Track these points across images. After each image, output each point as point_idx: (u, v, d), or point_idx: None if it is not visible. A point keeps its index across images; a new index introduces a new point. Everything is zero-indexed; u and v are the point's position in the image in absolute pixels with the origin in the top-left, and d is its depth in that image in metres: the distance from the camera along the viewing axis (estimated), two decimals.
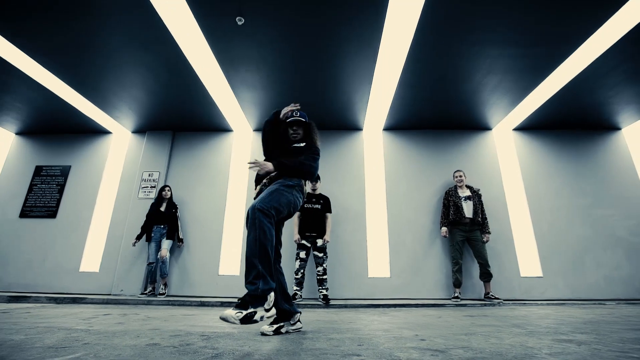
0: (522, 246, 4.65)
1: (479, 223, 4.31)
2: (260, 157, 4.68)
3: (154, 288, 4.44)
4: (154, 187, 5.03)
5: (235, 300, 4.04)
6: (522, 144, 5.23)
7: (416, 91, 4.30)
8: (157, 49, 3.52)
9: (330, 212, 4.39)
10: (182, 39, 3.40)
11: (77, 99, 4.57)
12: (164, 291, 4.36)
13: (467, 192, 4.50)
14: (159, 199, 4.69)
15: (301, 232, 4.26)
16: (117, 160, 5.40)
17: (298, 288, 4.12)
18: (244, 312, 1.44)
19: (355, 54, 3.58)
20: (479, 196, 4.50)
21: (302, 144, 2.11)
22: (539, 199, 4.87)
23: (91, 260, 4.82)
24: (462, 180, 4.56)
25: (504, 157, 5.17)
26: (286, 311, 1.94)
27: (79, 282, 4.66)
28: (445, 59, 3.67)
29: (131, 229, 4.75)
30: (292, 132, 2.14)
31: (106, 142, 5.52)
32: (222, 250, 4.77)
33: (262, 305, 1.51)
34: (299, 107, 2.21)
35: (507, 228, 4.72)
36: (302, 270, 4.16)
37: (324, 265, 4.16)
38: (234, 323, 1.42)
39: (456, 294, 4.18)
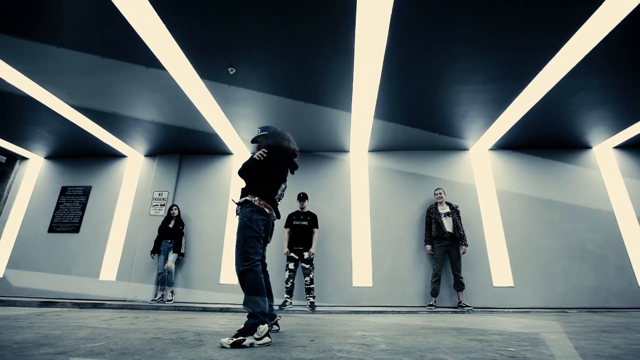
0: (495, 258, 5.07)
1: (459, 237, 4.75)
2: None
3: (162, 295, 5.04)
4: (164, 205, 5.67)
5: (234, 305, 4.60)
6: (497, 162, 5.67)
7: (394, 116, 4.79)
8: (165, 93, 4.17)
9: (317, 227, 4.92)
10: (186, 84, 4.03)
11: (97, 130, 5.27)
12: (171, 298, 4.95)
13: (447, 209, 4.96)
14: (168, 216, 5.32)
15: (290, 245, 4.80)
16: (132, 181, 6.08)
17: (288, 296, 4.64)
18: (234, 339, 1.87)
19: (333, 86, 4.10)
20: (457, 212, 4.95)
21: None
22: (512, 213, 5.29)
23: (109, 269, 5.46)
24: (441, 197, 5.03)
25: (480, 175, 5.61)
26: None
27: (99, 289, 5.30)
28: (416, 87, 4.13)
29: (144, 243, 5.39)
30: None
31: (122, 165, 6.21)
32: (222, 261, 5.34)
33: (252, 334, 1.93)
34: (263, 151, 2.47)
35: (481, 241, 5.15)
36: (291, 280, 4.69)
37: (311, 275, 4.67)
38: (226, 347, 1.83)
39: (431, 302, 4.63)
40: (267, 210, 2.35)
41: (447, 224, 4.81)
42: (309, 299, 4.61)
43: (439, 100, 4.34)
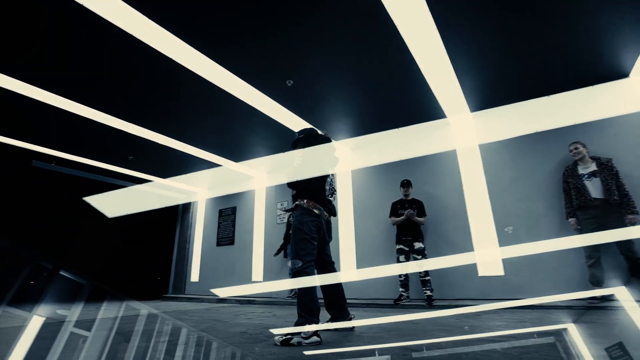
0: None
1: (617, 203, 3.45)
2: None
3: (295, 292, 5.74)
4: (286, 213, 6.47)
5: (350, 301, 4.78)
6: None
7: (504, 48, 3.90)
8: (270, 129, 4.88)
9: (424, 215, 4.55)
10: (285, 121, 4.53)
11: (233, 164, 6.56)
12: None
13: (592, 167, 3.66)
14: (288, 223, 6.04)
15: (398, 237, 4.60)
16: (261, 196, 7.20)
17: (403, 290, 4.45)
18: (284, 337, 2.02)
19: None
20: (611, 168, 3.57)
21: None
22: None
23: (257, 272, 6.63)
24: (580, 153, 3.74)
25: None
26: (333, 316, 2.50)
27: (252, 288, 6.50)
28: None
29: (276, 248, 6.29)
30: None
31: (251, 184, 7.44)
32: (340, 260, 5.61)
33: (299, 334, 2.04)
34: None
35: None
36: (404, 273, 4.47)
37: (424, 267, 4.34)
38: (276, 344, 1.99)
39: (596, 296, 3.46)
40: (316, 211, 2.41)
41: (593, 188, 3.52)
42: (425, 292, 4.29)
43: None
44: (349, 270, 5.42)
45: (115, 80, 3.90)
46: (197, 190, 8.33)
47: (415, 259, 4.39)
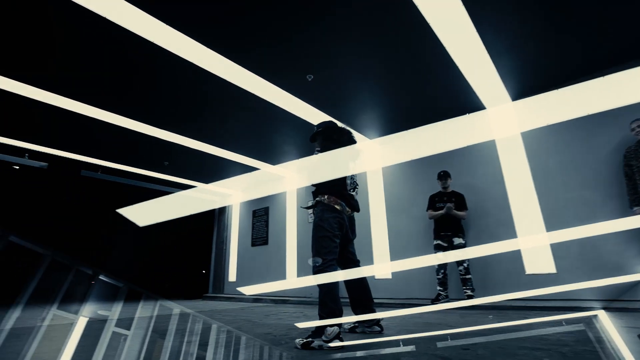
0: None
1: None
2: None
3: None
4: None
5: (385, 300, 4.59)
6: None
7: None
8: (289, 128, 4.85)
9: (465, 208, 4.24)
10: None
11: (267, 166, 6.64)
12: None
13: None
14: None
15: (436, 232, 4.33)
16: (292, 195, 7.20)
17: (441, 288, 4.17)
18: (305, 340, 1.91)
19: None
20: None
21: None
22: None
23: (291, 272, 6.63)
24: None
25: None
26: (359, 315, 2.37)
27: (286, 287, 6.52)
28: None
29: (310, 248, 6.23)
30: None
31: (282, 184, 7.46)
32: (373, 258, 5.42)
33: (320, 337, 1.93)
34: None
35: None
36: (442, 271, 4.20)
37: (465, 264, 4.04)
38: (297, 347, 1.90)
39: None
40: (337, 207, 2.30)
41: None
42: (465, 292, 4.00)
43: None
44: (381, 267, 5.23)
45: (152, 93, 4.15)
46: (232, 192, 8.55)
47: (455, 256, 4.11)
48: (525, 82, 4.06)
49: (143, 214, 6.37)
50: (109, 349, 2.26)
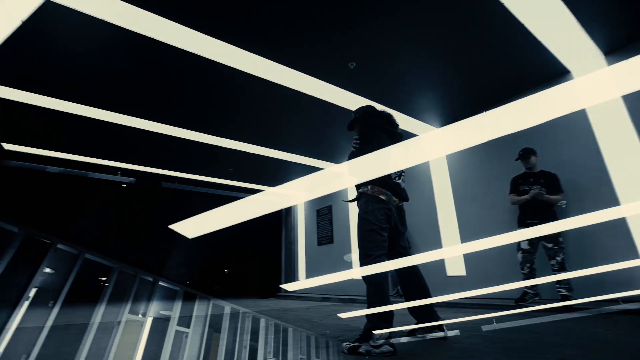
0: None
1: None
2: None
3: (397, 290, 5.33)
4: None
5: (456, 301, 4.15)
6: None
7: None
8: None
9: (560, 190, 3.55)
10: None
11: (327, 165, 6.66)
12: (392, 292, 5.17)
13: None
14: None
15: (520, 220, 3.74)
16: (353, 192, 7.02)
17: (527, 286, 3.58)
18: (352, 345, 1.79)
19: None
20: None
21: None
22: None
23: (357, 270, 6.47)
24: None
25: None
26: (419, 321, 2.09)
27: (354, 287, 6.38)
28: None
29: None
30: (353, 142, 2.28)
31: (343, 181, 7.34)
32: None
33: (367, 341, 1.77)
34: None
35: None
36: (528, 265, 3.60)
37: (558, 257, 3.40)
38: (344, 352, 1.78)
39: None
40: (383, 197, 2.11)
41: None
42: (559, 291, 3.35)
43: None
44: (450, 250, 4.74)
45: (215, 107, 4.53)
46: (295, 193, 8.76)
47: (546, 247, 3.47)
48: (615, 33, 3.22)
49: (217, 218, 6.89)
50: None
